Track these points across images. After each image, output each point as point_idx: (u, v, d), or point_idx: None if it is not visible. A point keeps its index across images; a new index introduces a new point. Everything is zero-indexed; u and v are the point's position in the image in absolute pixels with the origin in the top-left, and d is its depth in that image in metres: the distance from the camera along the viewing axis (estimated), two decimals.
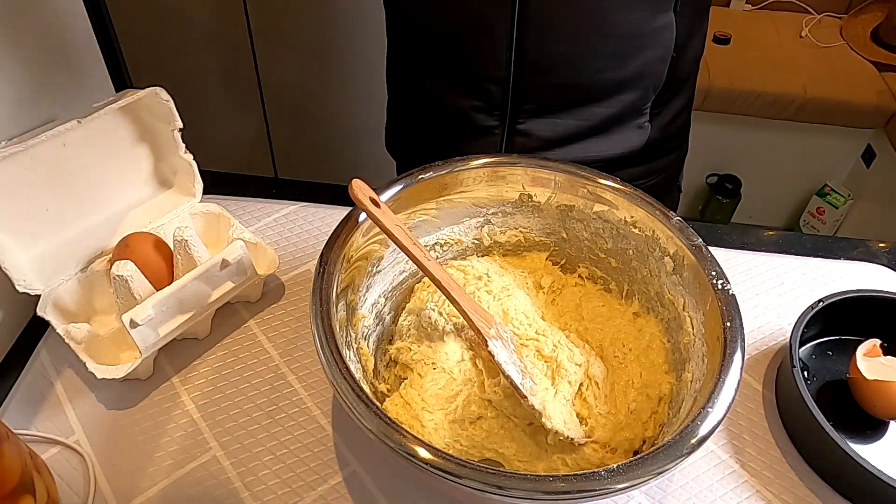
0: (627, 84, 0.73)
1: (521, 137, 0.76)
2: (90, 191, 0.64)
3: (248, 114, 1.63)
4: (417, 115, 0.85)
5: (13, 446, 0.45)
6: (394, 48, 0.84)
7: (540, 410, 0.51)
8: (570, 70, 0.71)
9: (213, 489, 0.52)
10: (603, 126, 0.76)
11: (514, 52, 0.69)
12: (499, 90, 0.73)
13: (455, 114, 0.78)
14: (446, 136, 0.81)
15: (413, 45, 0.79)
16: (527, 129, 0.76)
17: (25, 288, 0.58)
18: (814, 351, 0.64)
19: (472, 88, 0.75)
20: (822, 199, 1.94)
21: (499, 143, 0.78)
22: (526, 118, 0.75)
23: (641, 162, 0.81)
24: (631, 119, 0.77)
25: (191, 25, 1.46)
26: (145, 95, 0.63)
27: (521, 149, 0.77)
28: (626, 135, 0.78)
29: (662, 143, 0.81)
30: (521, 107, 0.74)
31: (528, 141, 0.77)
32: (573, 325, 0.61)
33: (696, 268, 0.53)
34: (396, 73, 0.86)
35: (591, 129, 0.76)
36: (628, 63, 0.71)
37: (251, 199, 0.77)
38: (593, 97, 0.73)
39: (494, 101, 0.74)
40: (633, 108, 0.76)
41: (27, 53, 0.60)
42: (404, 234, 0.53)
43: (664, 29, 0.70)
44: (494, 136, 0.77)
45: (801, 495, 0.54)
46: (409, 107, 0.86)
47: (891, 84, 1.77)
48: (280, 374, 0.60)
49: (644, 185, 0.84)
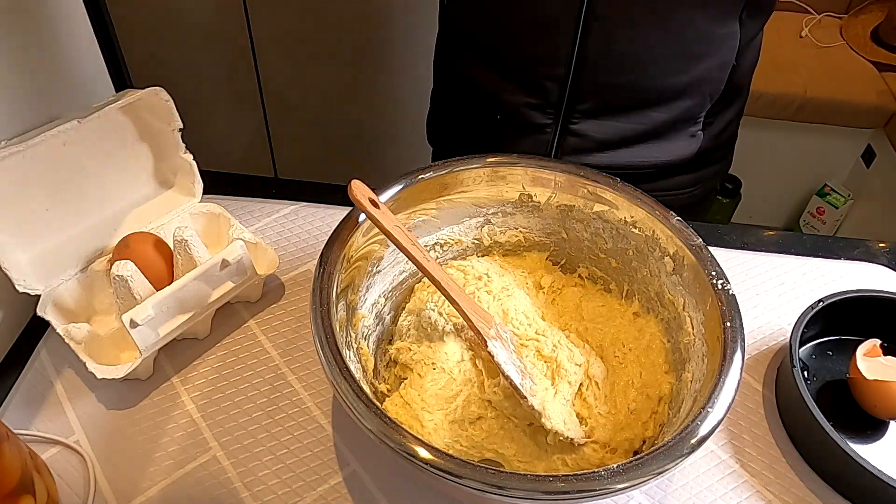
0: (687, 90, 0.72)
1: (573, 138, 0.75)
2: (90, 191, 0.64)
3: (248, 114, 1.63)
4: (466, 107, 0.83)
5: (13, 446, 0.45)
6: (446, 38, 0.82)
7: (539, 411, 0.51)
8: (632, 71, 0.70)
9: (213, 489, 0.52)
10: (657, 131, 0.75)
11: (576, 50, 0.68)
12: (556, 88, 0.72)
13: (507, 110, 0.76)
14: (495, 132, 0.80)
15: (470, 36, 0.77)
16: (580, 129, 0.75)
17: (25, 288, 0.58)
18: (814, 351, 0.64)
19: (528, 84, 0.74)
20: (822, 199, 1.94)
21: (550, 141, 0.77)
22: (580, 118, 0.74)
23: (689, 170, 0.80)
24: (685, 126, 0.76)
25: (191, 25, 1.46)
26: (145, 95, 0.63)
27: (572, 149, 0.76)
28: (679, 142, 0.77)
29: (711, 152, 0.80)
30: (577, 106, 0.73)
31: (580, 142, 0.76)
32: (573, 325, 0.61)
33: (696, 268, 0.53)
34: (446, 63, 0.84)
35: (645, 133, 0.75)
36: (691, 68, 0.70)
37: (251, 199, 0.77)
38: (652, 101, 0.73)
39: (550, 98, 0.73)
40: (688, 115, 0.75)
41: (27, 53, 0.60)
42: (403, 234, 0.53)
43: (729, 36, 0.70)
44: (546, 135, 0.76)
45: (801, 495, 0.54)
46: (456, 99, 0.85)
47: (891, 84, 1.77)
48: (280, 374, 0.60)
49: (689, 193, 0.84)
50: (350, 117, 1.64)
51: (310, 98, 1.61)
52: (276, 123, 1.66)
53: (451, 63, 0.83)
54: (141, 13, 1.39)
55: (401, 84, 1.59)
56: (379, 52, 1.52)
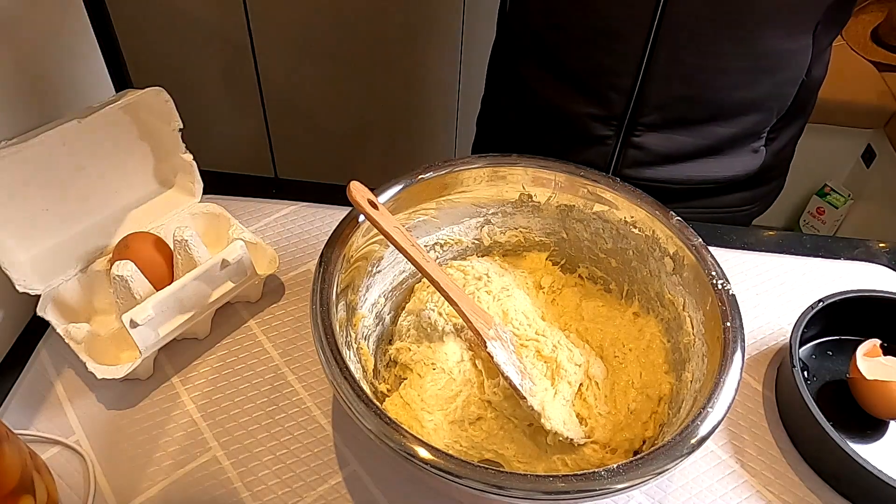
0: (754, 105, 0.70)
1: (634, 150, 0.74)
2: (90, 191, 0.64)
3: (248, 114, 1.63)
4: (524, 115, 0.81)
5: (13, 446, 0.45)
6: (505, 44, 0.80)
7: (539, 411, 0.51)
8: (700, 84, 0.68)
9: (213, 489, 0.52)
10: (720, 146, 0.74)
11: (644, 61, 0.66)
12: (621, 99, 0.70)
13: (568, 120, 0.74)
14: (553, 142, 0.78)
15: (533, 43, 0.75)
16: (642, 142, 0.73)
17: (25, 288, 0.58)
18: (814, 351, 0.64)
19: (592, 95, 0.72)
20: (822, 199, 1.94)
21: (610, 153, 0.75)
22: (643, 131, 0.72)
23: (749, 187, 0.79)
24: (748, 142, 0.74)
25: (191, 25, 1.46)
26: (145, 95, 0.62)
27: (633, 162, 0.74)
28: (741, 158, 0.75)
29: (771, 168, 0.79)
30: (641, 119, 0.72)
31: (642, 154, 0.74)
32: (573, 325, 0.61)
33: (696, 268, 0.53)
34: (504, 69, 0.82)
35: (708, 148, 0.73)
36: (760, 83, 0.68)
37: (251, 199, 0.77)
38: (717, 115, 0.71)
39: (614, 110, 0.71)
40: (753, 131, 0.73)
41: (27, 53, 0.60)
42: (402, 235, 0.53)
43: (800, 51, 0.68)
44: (606, 147, 0.74)
45: (801, 495, 0.54)
46: (513, 106, 0.82)
47: (891, 84, 1.77)
48: (280, 374, 0.60)
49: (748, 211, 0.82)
50: (350, 117, 1.64)
51: (310, 98, 1.61)
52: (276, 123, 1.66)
53: (510, 69, 0.81)
54: (141, 13, 1.39)
55: (401, 84, 1.59)
56: (379, 52, 1.52)
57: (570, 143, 0.76)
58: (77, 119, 0.59)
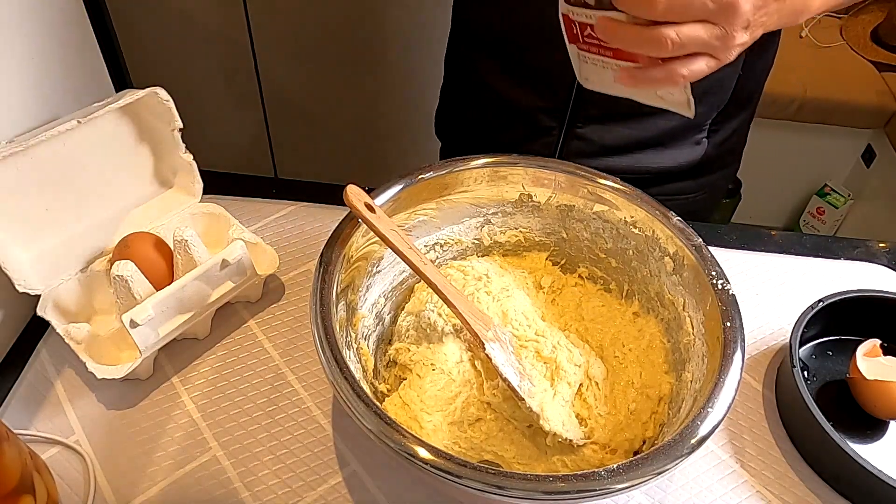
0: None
1: (577, 141, 0.77)
2: (90, 191, 0.64)
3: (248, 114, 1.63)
4: (476, 105, 0.84)
5: (13, 446, 0.45)
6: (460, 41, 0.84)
7: (538, 412, 0.51)
8: None
9: (213, 489, 0.52)
10: (661, 138, 0.76)
11: None
12: (565, 93, 0.73)
13: (518, 112, 0.78)
14: (503, 131, 0.81)
15: (486, 43, 0.78)
16: (584, 133, 0.76)
17: (25, 288, 0.58)
18: (814, 351, 0.64)
19: (541, 90, 0.75)
20: (822, 199, 1.94)
21: (554, 144, 0.78)
22: (585, 123, 0.75)
23: (693, 177, 0.81)
24: (690, 134, 0.77)
25: (191, 25, 1.46)
26: (145, 95, 0.62)
27: (576, 153, 0.77)
28: (683, 149, 0.78)
29: (716, 159, 0.81)
30: (583, 112, 0.74)
31: (584, 145, 0.77)
32: (573, 325, 0.61)
33: (696, 268, 0.53)
34: (458, 64, 0.86)
35: (649, 140, 0.76)
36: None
37: (251, 199, 0.77)
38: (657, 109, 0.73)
39: (559, 103, 0.74)
40: (693, 123, 0.75)
41: (27, 53, 0.60)
42: (400, 238, 0.53)
43: None
44: (551, 138, 0.78)
45: (801, 495, 0.54)
46: (466, 96, 0.86)
47: (891, 84, 1.77)
48: (280, 374, 0.60)
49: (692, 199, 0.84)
50: (350, 117, 1.64)
51: (310, 98, 1.61)
52: (276, 123, 1.66)
53: (463, 65, 0.84)
54: (141, 13, 1.39)
55: (401, 84, 1.59)
56: (379, 52, 1.52)
57: (518, 133, 0.79)
58: (77, 119, 0.59)
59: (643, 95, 0.57)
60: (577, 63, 0.60)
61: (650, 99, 0.57)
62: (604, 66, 0.56)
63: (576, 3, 0.54)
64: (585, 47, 0.57)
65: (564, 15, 0.58)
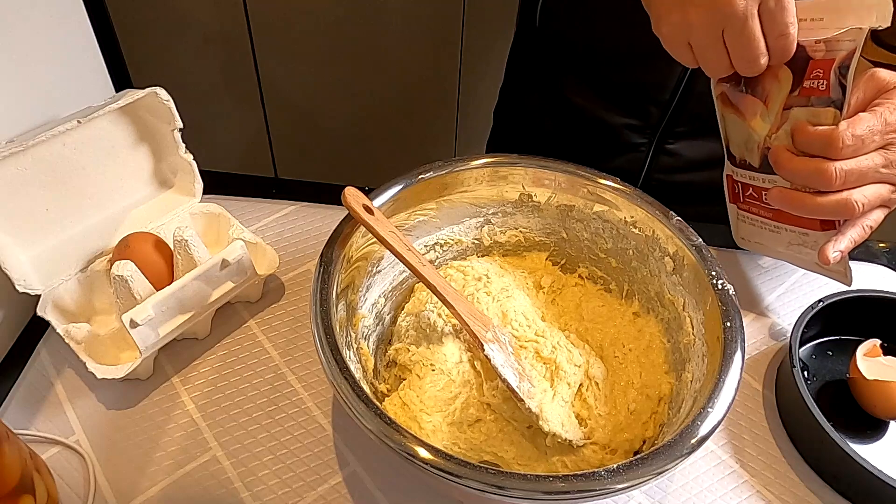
0: None
1: (666, 157, 0.77)
2: (90, 191, 0.64)
3: (248, 114, 1.64)
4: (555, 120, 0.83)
5: (13, 446, 0.45)
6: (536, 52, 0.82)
7: (537, 413, 0.51)
8: None
9: (213, 489, 0.52)
10: None
11: (686, 78, 0.69)
12: (658, 112, 0.73)
13: (606, 129, 0.77)
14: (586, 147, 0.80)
15: (569, 56, 0.78)
16: (675, 149, 0.76)
17: (25, 288, 0.58)
18: (814, 351, 0.64)
19: (631, 108, 0.75)
20: None
21: (643, 160, 0.78)
22: (676, 139, 0.76)
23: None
24: None
25: (191, 25, 1.47)
26: (145, 95, 0.62)
27: (664, 168, 0.77)
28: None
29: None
30: (675, 129, 0.75)
31: (673, 161, 0.77)
32: (573, 325, 0.61)
33: (696, 268, 0.53)
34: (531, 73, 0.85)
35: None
36: None
37: (251, 199, 0.77)
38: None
39: (650, 121, 0.74)
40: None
41: (27, 53, 0.60)
42: (399, 240, 0.53)
43: None
44: (640, 154, 0.78)
45: (801, 495, 0.54)
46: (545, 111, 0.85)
47: None
48: (280, 374, 0.60)
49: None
50: (350, 117, 1.64)
51: (310, 98, 1.61)
52: (276, 123, 1.67)
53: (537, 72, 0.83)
54: (141, 13, 1.39)
55: (401, 84, 1.59)
56: (379, 51, 1.52)
57: (603, 150, 0.79)
58: (77, 119, 0.59)
59: (805, 262, 0.59)
60: (734, 222, 0.63)
61: (810, 266, 0.59)
62: (762, 227, 0.59)
63: (740, 165, 0.57)
64: (745, 207, 0.60)
65: (728, 175, 0.60)
